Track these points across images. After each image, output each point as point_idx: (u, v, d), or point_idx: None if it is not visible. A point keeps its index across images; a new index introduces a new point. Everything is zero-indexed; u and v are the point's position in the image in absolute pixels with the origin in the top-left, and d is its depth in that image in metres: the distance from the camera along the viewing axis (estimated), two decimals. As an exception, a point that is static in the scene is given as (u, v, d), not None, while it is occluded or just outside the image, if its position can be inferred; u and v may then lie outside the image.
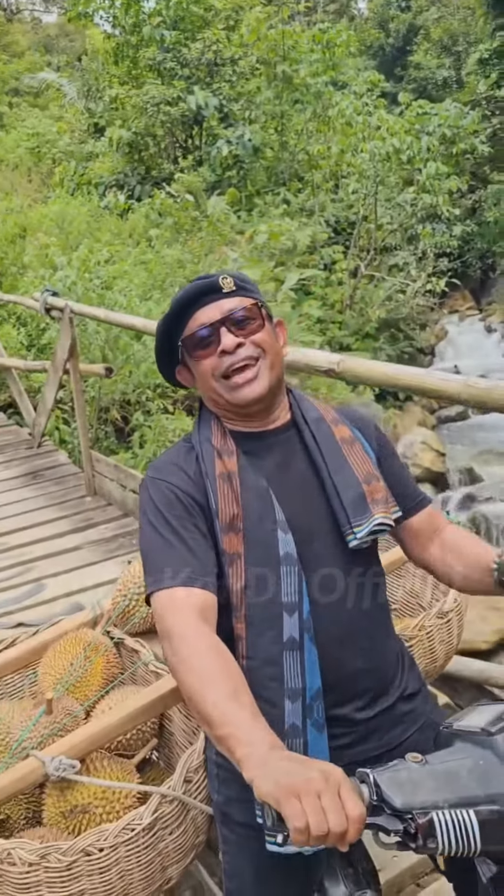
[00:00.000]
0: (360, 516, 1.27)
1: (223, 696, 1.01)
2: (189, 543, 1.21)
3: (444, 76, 21.18)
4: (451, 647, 1.90)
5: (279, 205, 11.80)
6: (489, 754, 0.89)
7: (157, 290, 8.40)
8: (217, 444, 1.29)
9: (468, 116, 10.39)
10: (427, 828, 0.82)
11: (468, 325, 17.97)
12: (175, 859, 1.40)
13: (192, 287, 1.30)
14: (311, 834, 0.79)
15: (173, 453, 1.34)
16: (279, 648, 1.19)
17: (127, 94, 12.69)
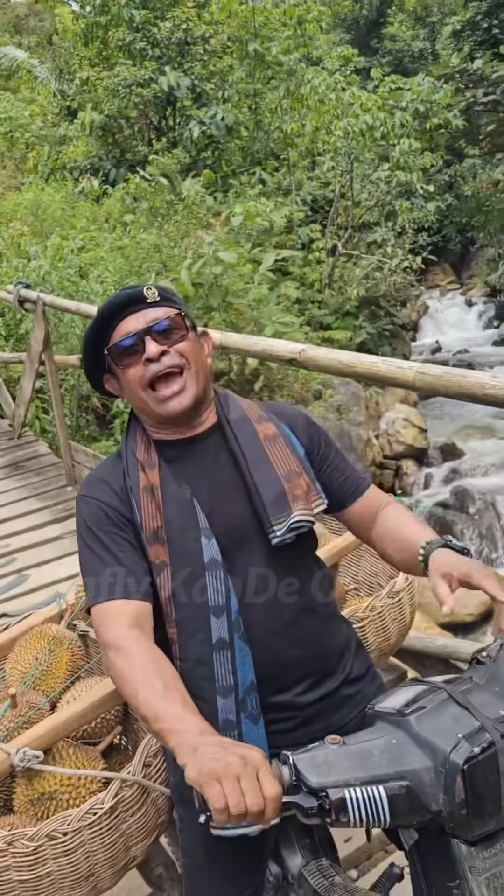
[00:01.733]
0: (280, 514, 1.31)
1: (154, 694, 1.10)
2: (119, 557, 1.27)
3: (420, 48, 21.01)
4: (403, 625, 1.98)
5: (255, 185, 11.75)
6: (402, 734, 0.96)
7: (134, 276, 8.39)
8: (141, 456, 1.34)
9: (441, 91, 10.35)
10: (339, 804, 0.89)
11: (449, 299, 18.02)
12: (138, 839, 1.47)
13: (117, 297, 1.34)
14: (230, 813, 0.86)
15: (103, 468, 1.39)
16: (209, 649, 1.26)
17: (98, 75, 12.54)
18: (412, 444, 9.90)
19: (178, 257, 8.53)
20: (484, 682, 1.04)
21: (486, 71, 12.10)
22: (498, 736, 0.93)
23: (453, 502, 8.62)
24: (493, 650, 1.11)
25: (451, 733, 0.93)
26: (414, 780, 0.92)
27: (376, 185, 11.33)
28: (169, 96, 12.22)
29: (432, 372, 2.04)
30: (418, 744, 0.94)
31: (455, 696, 0.99)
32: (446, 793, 0.90)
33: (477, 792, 0.90)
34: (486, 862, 0.94)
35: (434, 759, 0.92)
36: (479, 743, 0.92)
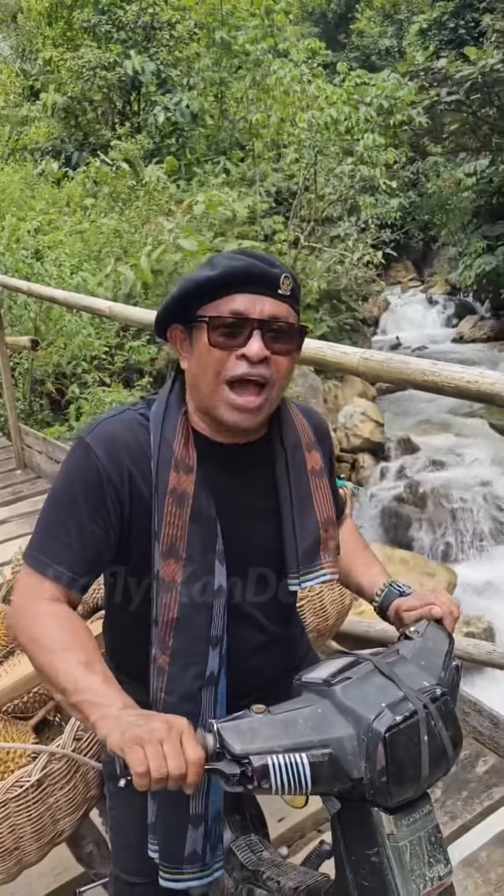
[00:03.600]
0: (310, 565, 1.24)
1: (75, 666, 1.03)
2: (85, 540, 1.15)
3: (387, 45, 21.13)
4: (343, 606, 1.99)
5: (219, 174, 11.68)
6: (327, 703, 0.97)
7: (93, 261, 8.29)
8: (178, 452, 1.17)
9: (405, 87, 10.41)
10: (261, 770, 0.90)
11: (410, 296, 18.21)
12: (66, 812, 1.47)
13: (252, 267, 1.11)
14: (151, 777, 0.86)
15: (126, 433, 1.19)
16: (199, 685, 1.18)
17: (62, 56, 12.33)
18: (369, 438, 9.99)
19: (138, 243, 8.44)
20: (410, 655, 1.06)
21: (450, 70, 12.21)
22: (420, 706, 0.95)
23: (408, 496, 8.73)
24: (422, 627, 1.15)
25: (375, 703, 0.95)
26: (337, 748, 0.93)
27: (340, 178, 11.37)
28: (134, 81, 12.07)
29: (376, 358, 2.05)
30: (342, 713, 0.95)
31: (380, 667, 1.00)
32: (368, 760, 0.92)
33: (397, 759, 0.92)
34: (405, 830, 0.96)
35: (357, 728, 0.94)
36: (401, 712, 0.94)
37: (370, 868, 0.96)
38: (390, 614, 1.27)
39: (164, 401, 1.21)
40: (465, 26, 15.66)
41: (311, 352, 2.21)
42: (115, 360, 7.45)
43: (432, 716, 0.96)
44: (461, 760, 2.27)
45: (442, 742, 0.96)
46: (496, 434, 10.11)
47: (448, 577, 7.18)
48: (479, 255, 13.57)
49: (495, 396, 1.72)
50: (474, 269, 13.54)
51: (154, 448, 1.17)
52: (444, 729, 0.97)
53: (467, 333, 15.40)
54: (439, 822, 1.03)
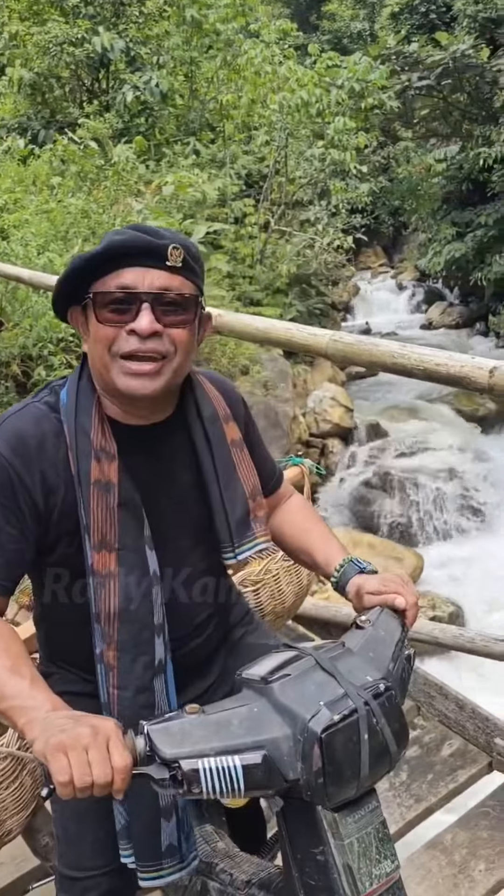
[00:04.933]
0: (244, 536, 1.24)
1: (1, 670, 1.01)
2: (1, 541, 1.12)
3: (359, 28, 21.02)
4: (301, 587, 1.97)
5: (189, 155, 11.55)
6: (263, 702, 0.94)
7: (60, 241, 8.14)
8: (96, 441, 1.13)
9: (377, 71, 10.36)
10: (191, 775, 0.87)
11: (380, 281, 18.26)
12: (13, 811, 1.43)
13: (135, 240, 1.09)
14: (75, 786, 0.84)
15: (33, 428, 1.14)
16: (151, 674, 1.16)
17: (28, 31, 12.04)
18: (339, 424, 10.01)
19: (106, 224, 8.32)
20: (357, 647, 1.03)
21: (421, 55, 12.18)
22: (361, 703, 0.92)
23: (376, 481, 8.78)
24: (374, 615, 1.12)
25: (313, 701, 0.92)
26: (271, 750, 0.90)
27: (311, 162, 11.30)
28: (102, 58, 11.83)
29: (345, 340, 2.03)
30: (279, 712, 0.93)
31: (322, 662, 0.97)
32: (304, 761, 0.90)
33: (335, 760, 0.89)
34: (350, 828, 0.93)
35: (294, 728, 0.91)
36: (340, 710, 0.91)
37: (315, 866, 0.94)
38: (349, 591, 1.22)
39: (74, 388, 1.17)
40: (436, 11, 15.62)
41: (279, 333, 2.18)
42: (81, 343, 7.33)
43: (374, 713, 0.93)
44: (427, 744, 2.28)
45: (384, 739, 0.93)
46: (463, 420, 10.20)
47: (415, 561, 7.25)
48: (449, 241, 13.62)
49: (463, 379, 1.71)
50: (443, 255, 13.59)
51: (70, 439, 1.13)
52: (387, 725, 0.94)
53: (436, 319, 15.49)
54: (405, 805, 1.03)
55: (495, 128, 12.38)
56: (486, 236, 12.93)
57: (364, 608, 1.16)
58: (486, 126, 12.67)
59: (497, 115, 12.46)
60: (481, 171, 12.53)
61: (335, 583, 1.25)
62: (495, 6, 13.06)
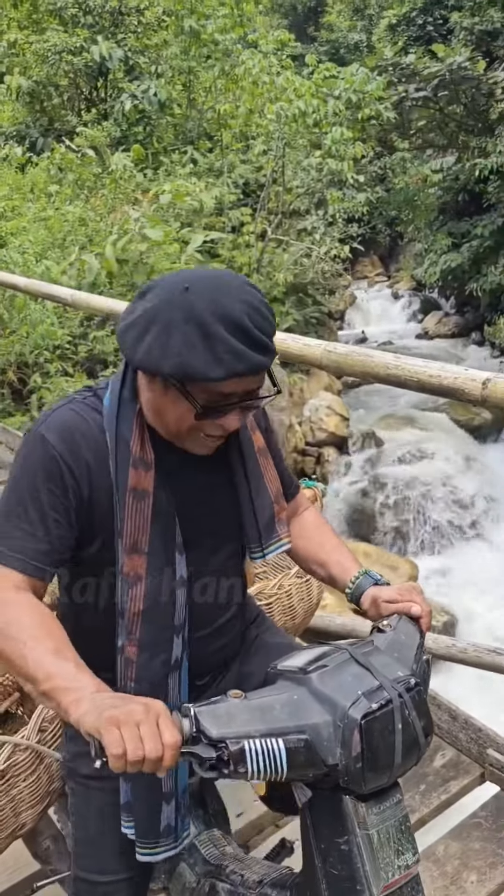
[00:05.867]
0: (271, 536, 1.31)
1: (45, 652, 1.02)
2: (49, 529, 1.15)
3: (356, 39, 21.13)
4: (311, 604, 1.98)
5: (186, 164, 11.59)
6: (303, 690, 0.98)
7: (58, 249, 8.17)
8: (135, 450, 1.17)
9: (374, 82, 10.42)
10: (238, 755, 0.90)
11: (376, 291, 18.31)
12: (29, 804, 1.46)
13: (256, 367, 1.07)
14: (127, 759, 0.85)
15: (81, 423, 1.18)
16: (166, 671, 1.22)
17: (27, 39, 12.10)
18: (334, 432, 10.02)
19: (103, 232, 8.34)
20: (384, 647, 1.09)
21: (418, 66, 12.24)
22: (395, 695, 0.98)
23: (371, 490, 8.78)
24: (394, 621, 1.18)
25: (352, 690, 0.97)
26: (313, 734, 0.94)
27: (308, 171, 11.35)
28: (101, 67, 11.89)
29: (339, 350, 2.04)
30: (319, 700, 0.97)
31: (356, 656, 1.02)
32: (343, 747, 0.94)
33: (372, 746, 0.94)
34: (375, 818, 0.98)
35: (333, 714, 0.95)
36: (377, 700, 0.96)
37: (339, 856, 0.98)
38: (364, 602, 1.28)
39: (116, 397, 1.20)
40: (433, 23, 15.72)
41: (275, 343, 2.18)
42: (78, 350, 7.35)
43: (406, 705, 0.98)
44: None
45: (415, 731, 0.98)
46: (458, 429, 10.21)
47: (409, 569, 7.25)
48: (445, 251, 13.65)
49: (456, 391, 1.72)
50: (439, 265, 13.63)
51: (111, 446, 1.17)
52: (417, 718, 0.99)
53: (432, 329, 15.53)
54: (398, 816, 1.03)
55: (491, 139, 12.43)
56: (482, 247, 12.97)
57: (380, 616, 1.22)
58: (482, 137, 12.73)
59: (493, 126, 12.52)
60: (477, 182, 12.58)
61: (350, 594, 1.31)
62: (492, 19, 13.15)
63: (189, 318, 1.04)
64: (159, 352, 1.06)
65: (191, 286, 1.06)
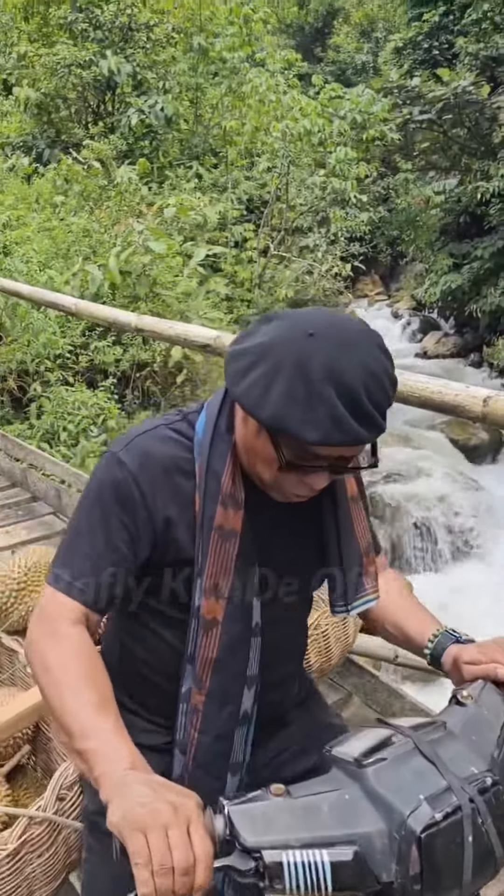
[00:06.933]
0: (358, 591, 1.21)
1: (86, 706, 0.94)
2: (111, 556, 1.06)
3: (363, 61, 21.41)
4: (346, 645, 1.91)
5: (191, 179, 11.69)
6: (356, 788, 0.84)
7: (61, 259, 8.22)
8: (226, 487, 1.08)
9: (379, 103, 10.55)
10: (275, 869, 0.78)
11: (376, 309, 18.39)
12: (43, 882, 1.31)
13: (357, 440, 0.96)
14: (153, 870, 0.76)
15: (164, 452, 1.10)
16: (234, 724, 1.13)
17: (37, 52, 12.23)
18: (331, 449, 10.03)
19: (107, 243, 8.40)
20: (459, 728, 0.92)
21: (423, 89, 12.39)
22: (466, 799, 0.82)
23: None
24: (476, 689, 1.01)
25: (412, 793, 0.82)
26: (364, 846, 0.80)
27: (311, 190, 11.46)
28: (109, 81, 12.02)
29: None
30: (373, 802, 0.83)
31: (422, 746, 0.87)
32: (399, 863, 0.79)
33: (434, 864, 0.79)
34: None
35: (389, 823, 0.81)
36: (442, 807, 0.81)
37: None
38: (445, 663, 1.15)
39: (211, 428, 1.11)
40: (439, 48, 15.93)
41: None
42: (79, 360, 7.38)
43: (479, 811, 0.82)
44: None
45: (489, 842, 0.82)
46: (455, 449, 10.24)
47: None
48: (445, 272, 13.76)
49: (457, 408, 1.74)
50: (440, 285, 13.72)
51: (200, 477, 1.09)
52: (493, 825, 0.83)
53: (431, 349, 15.59)
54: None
55: (494, 163, 12.57)
56: (482, 268, 13.07)
57: (464, 681, 1.08)
58: (485, 161, 12.86)
59: (496, 150, 12.65)
60: (479, 205, 12.70)
61: (429, 655, 1.19)
62: (497, 45, 13.33)
63: (300, 367, 0.93)
64: (259, 393, 0.95)
65: (316, 333, 0.95)
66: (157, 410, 7.86)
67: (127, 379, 7.84)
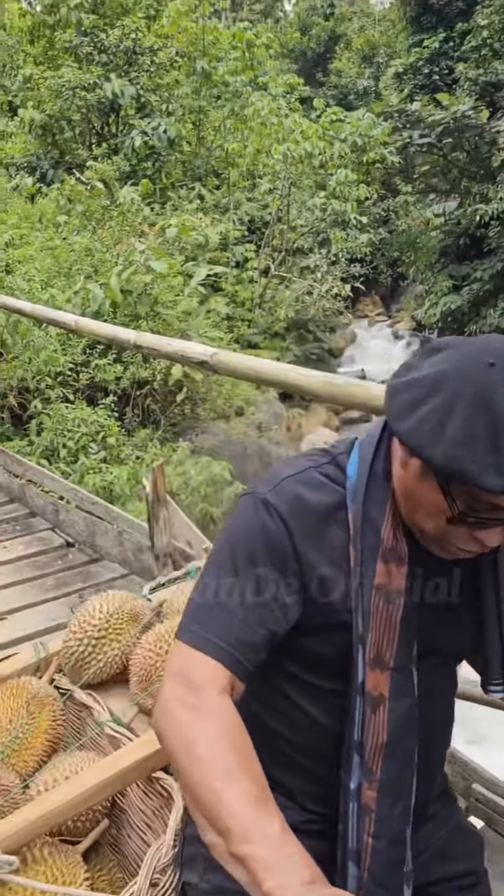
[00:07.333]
0: None
1: (242, 798, 0.77)
2: (260, 613, 0.92)
3: (364, 86, 21.70)
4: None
5: (193, 200, 11.82)
6: None
7: (63, 277, 8.29)
8: (387, 539, 0.95)
9: (379, 127, 10.69)
10: None
11: (377, 330, 18.51)
12: None
13: None
14: None
15: (316, 498, 0.97)
16: (404, 824, 0.97)
17: (42, 74, 12.41)
18: (331, 468, 10.04)
19: (109, 263, 8.48)
20: None
21: (423, 114, 12.56)
22: None
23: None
24: None
25: None
26: None
27: (312, 211, 11.59)
28: (113, 103, 12.19)
29: (336, 382, 2.08)
30: None
31: None
32: None
33: None
34: None
35: None
36: None
37: None
38: None
39: (366, 471, 0.97)
40: (439, 73, 16.17)
41: (275, 373, 2.23)
42: (80, 378, 7.42)
43: None
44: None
45: None
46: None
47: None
48: (445, 293, 13.86)
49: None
50: (439, 307, 13.82)
51: (355, 529, 0.96)
52: None
53: (431, 369, 15.68)
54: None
55: (493, 186, 12.71)
56: (482, 290, 13.17)
57: None
58: (484, 184, 13.01)
59: (495, 173, 12.80)
60: (478, 227, 12.83)
61: None
62: (496, 71, 13.54)
63: (482, 401, 0.81)
64: (432, 431, 0.82)
65: (497, 363, 0.83)
66: (157, 428, 7.90)
67: (127, 397, 7.88)
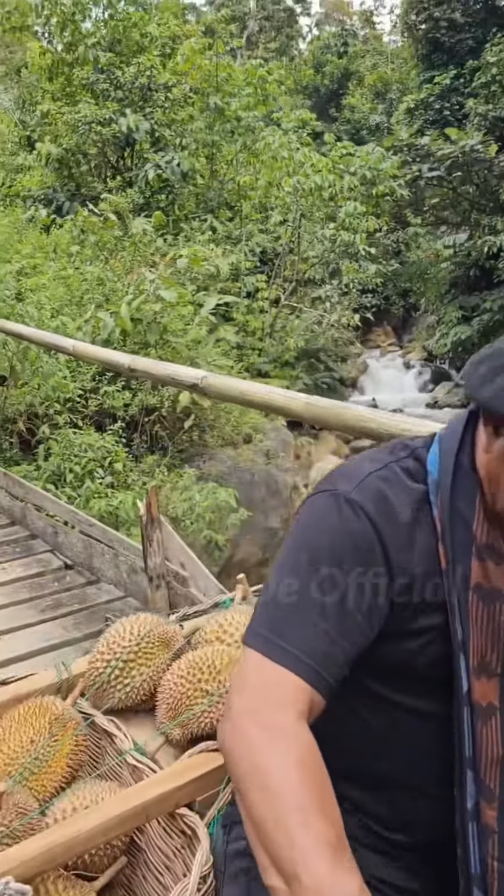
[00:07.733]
0: None
1: (319, 846, 0.69)
2: (345, 623, 0.84)
3: (377, 121, 22.06)
4: None
5: (206, 231, 12.01)
6: None
7: (74, 306, 8.41)
8: (480, 535, 0.88)
9: (388, 160, 10.87)
10: None
11: (388, 360, 18.60)
12: None
13: None
14: None
15: (400, 495, 0.90)
16: None
17: (59, 110, 12.73)
18: (339, 496, 10.02)
19: (120, 292, 8.60)
20: None
21: (432, 147, 12.76)
22: None
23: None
24: None
25: None
26: None
27: (321, 242, 11.74)
28: (128, 138, 12.46)
29: (320, 404, 2.11)
30: None
31: None
32: None
33: None
34: None
35: None
36: None
37: None
38: None
39: (450, 464, 0.91)
40: (450, 108, 16.44)
41: (261, 396, 2.27)
42: (88, 404, 7.49)
43: None
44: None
45: None
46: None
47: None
48: (455, 324, 13.94)
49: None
50: (450, 337, 13.90)
51: (443, 525, 0.89)
52: None
53: (442, 399, 15.69)
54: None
55: (502, 218, 12.86)
56: (492, 321, 13.26)
57: None
58: (494, 217, 13.16)
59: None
60: (488, 259, 12.95)
61: None
62: (505, 106, 13.80)
63: None
64: None
65: None
66: (165, 455, 7.94)
67: (135, 423, 7.94)
